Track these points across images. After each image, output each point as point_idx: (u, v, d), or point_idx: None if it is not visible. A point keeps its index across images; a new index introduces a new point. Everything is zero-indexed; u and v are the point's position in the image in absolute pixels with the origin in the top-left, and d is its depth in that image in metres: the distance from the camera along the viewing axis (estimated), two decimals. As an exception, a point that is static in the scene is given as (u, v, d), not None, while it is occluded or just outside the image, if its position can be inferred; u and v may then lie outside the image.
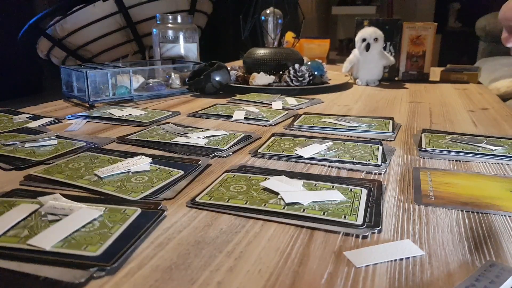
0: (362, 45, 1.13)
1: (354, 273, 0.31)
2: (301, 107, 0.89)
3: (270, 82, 1.09)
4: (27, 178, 0.48)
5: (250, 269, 0.31)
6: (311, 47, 1.67)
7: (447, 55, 3.15)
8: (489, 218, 0.40)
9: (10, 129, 0.69)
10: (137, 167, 0.50)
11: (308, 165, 0.54)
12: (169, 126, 0.70)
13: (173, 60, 1.16)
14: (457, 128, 0.73)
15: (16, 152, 0.57)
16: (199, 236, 0.36)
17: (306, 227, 0.37)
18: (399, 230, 0.37)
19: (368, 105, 0.92)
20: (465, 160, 0.56)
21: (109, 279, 0.30)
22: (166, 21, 1.16)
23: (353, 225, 0.37)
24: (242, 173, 0.49)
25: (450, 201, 0.43)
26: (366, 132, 0.69)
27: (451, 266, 0.32)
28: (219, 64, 1.00)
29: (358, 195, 0.43)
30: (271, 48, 1.16)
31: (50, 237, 0.34)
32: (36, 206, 0.40)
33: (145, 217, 0.38)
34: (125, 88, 0.93)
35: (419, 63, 1.28)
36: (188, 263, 0.32)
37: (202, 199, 0.43)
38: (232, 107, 0.86)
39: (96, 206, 0.40)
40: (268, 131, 0.70)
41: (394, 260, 0.32)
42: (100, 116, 0.79)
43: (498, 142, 0.62)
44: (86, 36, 2.05)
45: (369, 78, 1.19)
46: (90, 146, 0.60)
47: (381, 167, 0.52)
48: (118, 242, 0.34)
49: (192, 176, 0.49)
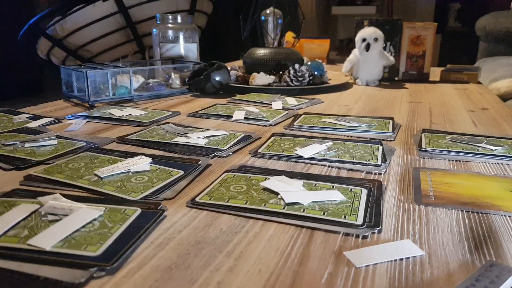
0: (362, 45, 1.13)
1: (354, 273, 0.31)
2: (301, 107, 0.89)
3: (270, 82, 1.09)
4: (27, 178, 0.48)
5: (250, 269, 0.31)
6: (311, 47, 1.67)
7: (447, 55, 3.15)
8: (489, 218, 0.40)
9: (10, 129, 0.69)
10: (137, 167, 0.50)
11: (308, 165, 0.54)
12: (169, 126, 0.70)
13: (173, 60, 1.16)
14: (457, 128, 0.73)
15: (16, 152, 0.57)
16: (199, 236, 0.36)
17: (306, 227, 0.37)
18: (399, 230, 0.37)
19: (368, 105, 0.92)
20: (465, 160, 0.56)
21: (109, 279, 0.30)
22: (166, 21, 1.16)
23: (353, 225, 0.37)
24: (242, 173, 0.49)
25: (450, 201, 0.43)
26: (366, 132, 0.69)
27: (451, 266, 0.32)
28: (219, 64, 1.00)
29: (358, 195, 0.43)
30: (271, 48, 1.16)
31: (50, 237, 0.34)
32: (36, 206, 0.40)
33: (145, 217, 0.38)
34: (125, 88, 0.93)
35: (419, 63, 1.28)
36: (188, 263, 0.32)
37: (202, 199, 0.43)
38: (232, 107, 0.86)
39: (96, 206, 0.40)
40: (268, 131, 0.70)
41: (394, 260, 0.32)
42: (100, 116, 0.79)
43: (498, 142, 0.62)
44: (86, 36, 2.05)
45: (369, 78, 1.19)
46: (90, 146, 0.60)
47: (381, 167, 0.52)
48: (118, 242, 0.34)
49: (192, 176, 0.49)
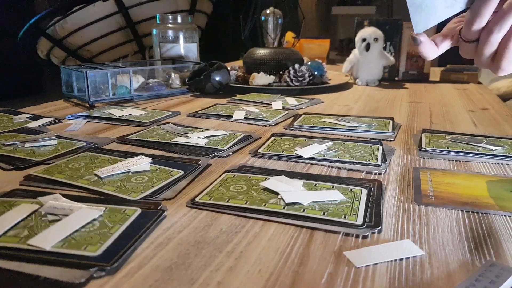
0: (362, 45, 1.13)
1: (354, 273, 0.31)
2: (301, 107, 0.89)
3: (270, 82, 1.09)
4: (27, 178, 0.48)
5: (250, 269, 0.31)
6: (311, 47, 1.67)
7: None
8: (489, 218, 0.40)
9: (10, 129, 0.69)
10: (137, 167, 0.50)
11: (308, 165, 0.54)
12: (169, 126, 0.70)
13: (173, 60, 1.16)
14: (457, 128, 0.73)
15: (16, 152, 0.57)
16: (199, 236, 0.36)
17: (306, 227, 0.37)
18: (399, 230, 0.37)
19: (368, 105, 0.92)
20: (465, 160, 0.56)
21: (109, 279, 0.30)
22: (166, 21, 1.16)
23: (353, 225, 0.37)
24: (242, 173, 0.49)
25: (450, 201, 0.43)
26: (366, 132, 0.69)
27: (451, 266, 0.32)
28: (219, 64, 1.00)
29: (358, 195, 0.43)
30: (271, 48, 1.16)
31: (50, 237, 0.34)
32: (36, 206, 0.40)
33: (145, 217, 0.38)
34: (125, 88, 0.93)
35: (419, 63, 1.28)
36: (188, 263, 0.32)
37: (202, 199, 0.43)
38: (232, 107, 0.86)
39: (96, 206, 0.40)
40: (268, 131, 0.70)
41: (394, 260, 0.32)
42: (100, 116, 0.79)
43: (498, 142, 0.62)
44: (86, 36, 2.05)
45: (369, 78, 1.19)
46: (90, 146, 0.60)
47: (381, 167, 0.52)
48: (118, 242, 0.34)
49: (192, 176, 0.49)
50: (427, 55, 0.46)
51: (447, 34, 0.47)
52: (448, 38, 0.46)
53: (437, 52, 0.47)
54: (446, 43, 0.47)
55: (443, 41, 0.46)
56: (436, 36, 0.47)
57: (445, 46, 0.47)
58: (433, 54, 0.46)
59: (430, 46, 0.46)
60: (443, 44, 0.47)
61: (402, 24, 1.25)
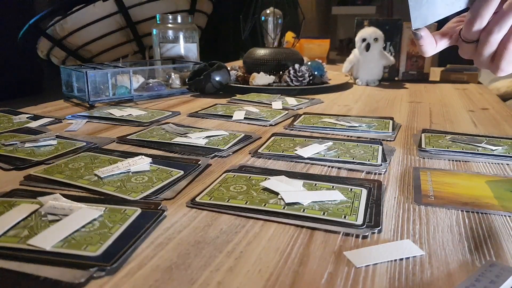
0: (362, 45, 1.13)
1: (354, 273, 0.31)
2: (301, 107, 0.89)
3: (270, 82, 1.09)
4: (27, 178, 0.48)
5: (250, 269, 0.31)
6: (311, 47, 1.67)
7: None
8: (489, 218, 0.40)
9: (10, 129, 0.69)
10: (137, 167, 0.50)
11: (308, 165, 0.54)
12: (169, 126, 0.70)
13: (173, 60, 1.16)
14: (457, 128, 0.73)
15: (16, 152, 0.57)
16: (199, 236, 0.36)
17: (306, 227, 0.37)
18: (399, 230, 0.37)
19: (368, 105, 0.92)
20: (465, 160, 0.56)
21: (109, 279, 0.30)
22: (166, 21, 1.16)
23: (353, 225, 0.37)
24: (242, 173, 0.49)
25: (450, 201, 0.43)
26: (366, 132, 0.69)
27: (451, 266, 0.32)
28: (219, 64, 1.00)
29: (358, 195, 0.43)
30: (271, 48, 1.16)
31: (50, 237, 0.34)
32: (36, 206, 0.40)
33: (145, 217, 0.38)
34: (125, 88, 0.93)
35: (419, 63, 1.28)
36: (188, 263, 0.32)
37: (202, 199, 0.43)
38: (232, 107, 0.86)
39: (96, 206, 0.40)
40: (268, 131, 0.70)
41: (394, 260, 0.32)
42: (100, 116, 0.79)
43: (498, 142, 0.62)
44: (86, 36, 2.05)
45: (369, 78, 1.19)
46: (90, 146, 0.60)
47: (381, 167, 0.52)
48: (118, 242, 0.34)
49: (192, 176, 0.49)
50: (426, 50, 0.46)
51: (446, 33, 0.47)
52: (447, 36, 0.47)
53: (435, 50, 0.47)
54: (445, 41, 0.47)
55: (441, 39, 0.47)
56: (435, 33, 0.47)
57: (443, 44, 0.47)
58: (432, 51, 0.47)
59: (430, 41, 0.46)
60: (441, 42, 0.47)
61: (402, 24, 1.25)
